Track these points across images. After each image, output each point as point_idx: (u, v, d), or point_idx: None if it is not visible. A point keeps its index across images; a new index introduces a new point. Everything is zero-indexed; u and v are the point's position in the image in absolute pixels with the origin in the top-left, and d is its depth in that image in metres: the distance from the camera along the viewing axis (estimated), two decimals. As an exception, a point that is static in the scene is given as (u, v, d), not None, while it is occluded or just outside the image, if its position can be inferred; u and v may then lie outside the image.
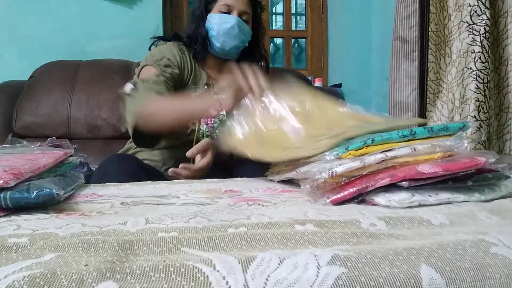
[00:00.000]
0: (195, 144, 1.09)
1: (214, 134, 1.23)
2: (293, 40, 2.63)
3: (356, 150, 0.63)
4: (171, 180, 1.03)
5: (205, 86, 1.29)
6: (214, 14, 1.26)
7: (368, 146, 0.62)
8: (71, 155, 0.85)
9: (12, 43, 1.89)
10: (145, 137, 1.14)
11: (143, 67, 1.24)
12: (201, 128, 1.23)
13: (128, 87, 1.15)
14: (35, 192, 0.57)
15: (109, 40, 1.94)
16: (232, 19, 1.24)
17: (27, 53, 1.88)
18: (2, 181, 0.56)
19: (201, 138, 1.21)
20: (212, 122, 1.25)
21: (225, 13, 1.25)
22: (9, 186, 0.56)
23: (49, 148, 0.85)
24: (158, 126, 1.10)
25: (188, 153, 1.04)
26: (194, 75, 1.29)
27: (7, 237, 0.43)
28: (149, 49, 1.33)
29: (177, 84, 1.24)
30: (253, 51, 1.34)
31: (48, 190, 0.57)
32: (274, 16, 3.09)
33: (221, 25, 1.24)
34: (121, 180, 0.90)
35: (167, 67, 1.21)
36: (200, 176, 1.02)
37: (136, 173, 1.04)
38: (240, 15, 1.26)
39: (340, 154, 0.63)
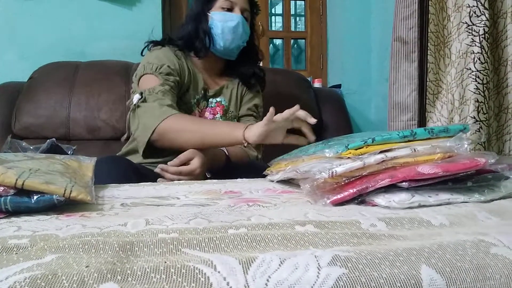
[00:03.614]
0: None
1: None
2: (292, 41, 2.63)
3: (356, 149, 0.63)
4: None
5: (202, 91, 1.27)
6: (216, 12, 1.23)
7: (368, 145, 0.63)
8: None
9: (11, 44, 1.89)
10: (155, 149, 1.12)
11: (142, 75, 1.20)
12: None
13: (136, 98, 1.13)
14: (35, 197, 0.57)
15: (108, 41, 1.94)
16: (236, 17, 1.22)
17: (27, 54, 1.88)
18: (2, 189, 0.56)
19: None
20: None
21: (227, 10, 1.23)
22: (8, 195, 0.56)
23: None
24: (177, 145, 1.08)
25: (171, 163, 1.04)
26: (193, 80, 1.26)
27: (8, 238, 0.43)
28: (142, 54, 1.30)
29: (179, 91, 1.22)
30: (250, 51, 1.33)
31: (48, 195, 0.57)
32: (273, 17, 3.09)
33: (226, 23, 1.21)
34: (111, 182, 0.89)
35: (168, 75, 1.18)
36: (189, 179, 1.02)
37: (127, 175, 1.02)
38: (242, 12, 1.24)
39: (340, 152, 0.63)
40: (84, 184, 0.66)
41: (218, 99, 1.30)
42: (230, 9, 1.24)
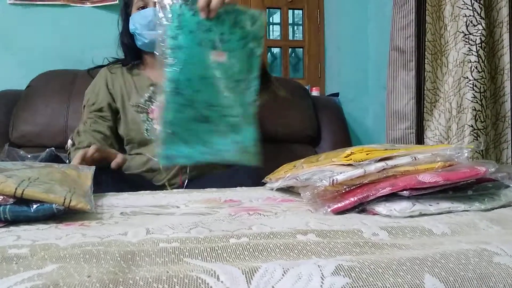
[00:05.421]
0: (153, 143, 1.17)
1: None
2: (290, 49, 2.64)
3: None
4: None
5: (151, 87, 1.30)
6: (133, 14, 1.29)
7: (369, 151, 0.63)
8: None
9: (9, 52, 1.88)
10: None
11: (83, 107, 1.35)
12: (156, 128, 1.25)
13: (69, 143, 1.28)
14: (35, 206, 0.56)
15: (106, 50, 1.94)
16: (149, 12, 1.25)
17: (24, 63, 1.88)
18: (1, 198, 0.55)
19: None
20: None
21: (141, 8, 1.27)
22: (8, 204, 0.55)
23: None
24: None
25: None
26: (135, 84, 1.32)
27: (7, 247, 0.42)
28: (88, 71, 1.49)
29: (119, 104, 1.31)
30: None
31: (48, 204, 0.57)
32: (271, 26, 3.11)
33: (141, 21, 1.25)
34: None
35: (95, 110, 1.31)
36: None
37: (117, 184, 1.03)
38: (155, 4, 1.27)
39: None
40: (84, 193, 0.66)
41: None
42: (144, 6, 1.28)
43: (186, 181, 1.24)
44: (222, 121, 0.87)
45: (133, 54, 1.35)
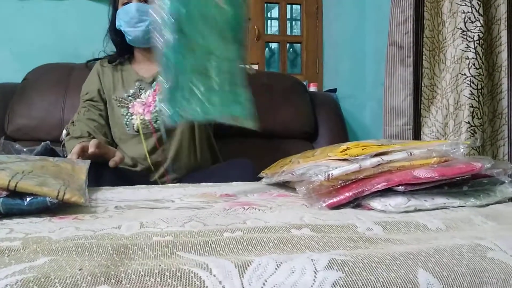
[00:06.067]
0: (142, 135, 1.23)
1: (157, 121, 1.25)
2: (288, 45, 2.64)
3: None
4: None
5: (137, 82, 1.31)
6: (119, 10, 1.28)
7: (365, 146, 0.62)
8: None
9: (5, 45, 1.87)
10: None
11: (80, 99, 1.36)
12: (145, 119, 1.25)
13: (64, 133, 1.28)
14: (28, 199, 0.56)
15: (102, 43, 1.93)
16: (131, 7, 1.24)
17: (21, 55, 1.87)
18: None
19: (143, 128, 1.25)
20: (151, 110, 1.27)
21: (126, 3, 1.27)
22: (1, 196, 0.55)
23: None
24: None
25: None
26: (123, 79, 1.33)
27: (0, 240, 0.42)
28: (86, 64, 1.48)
29: (107, 97, 1.33)
30: None
31: (41, 197, 0.57)
32: (269, 21, 3.09)
33: (125, 17, 1.25)
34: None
35: (87, 99, 1.33)
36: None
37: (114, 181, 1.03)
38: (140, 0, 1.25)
39: None
40: (78, 186, 0.66)
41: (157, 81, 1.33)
42: (128, 1, 1.27)
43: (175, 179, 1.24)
44: (221, 76, 0.84)
45: (123, 49, 1.36)
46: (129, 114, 1.27)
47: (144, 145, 1.24)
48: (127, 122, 1.26)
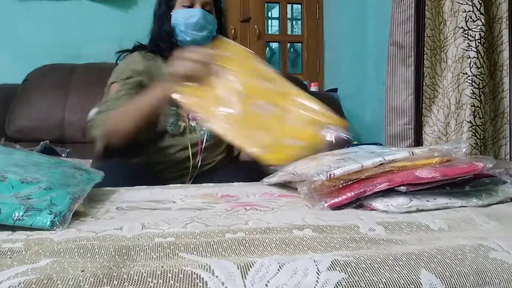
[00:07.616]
0: (190, 144, 1.18)
1: (204, 128, 1.23)
2: (289, 44, 2.64)
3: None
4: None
5: None
6: (178, 10, 1.27)
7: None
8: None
9: (5, 46, 1.87)
10: (120, 152, 1.15)
11: (110, 84, 1.27)
12: (192, 125, 1.24)
13: (92, 112, 1.19)
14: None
15: (103, 43, 1.93)
16: (196, 12, 1.25)
17: (21, 56, 1.87)
18: None
19: (194, 135, 1.23)
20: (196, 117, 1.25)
21: (188, 7, 1.26)
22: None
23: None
24: (123, 136, 1.11)
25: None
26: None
27: (1, 242, 0.42)
28: (116, 63, 1.36)
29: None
30: None
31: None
32: (270, 21, 3.09)
33: (188, 20, 1.25)
34: (118, 185, 0.88)
35: (129, 78, 1.24)
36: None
37: (134, 177, 1.03)
38: (203, 6, 1.27)
39: None
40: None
41: None
42: (191, 6, 1.27)
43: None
44: None
45: (169, 45, 1.30)
46: (177, 114, 1.24)
47: (189, 150, 1.20)
48: (174, 122, 1.23)
